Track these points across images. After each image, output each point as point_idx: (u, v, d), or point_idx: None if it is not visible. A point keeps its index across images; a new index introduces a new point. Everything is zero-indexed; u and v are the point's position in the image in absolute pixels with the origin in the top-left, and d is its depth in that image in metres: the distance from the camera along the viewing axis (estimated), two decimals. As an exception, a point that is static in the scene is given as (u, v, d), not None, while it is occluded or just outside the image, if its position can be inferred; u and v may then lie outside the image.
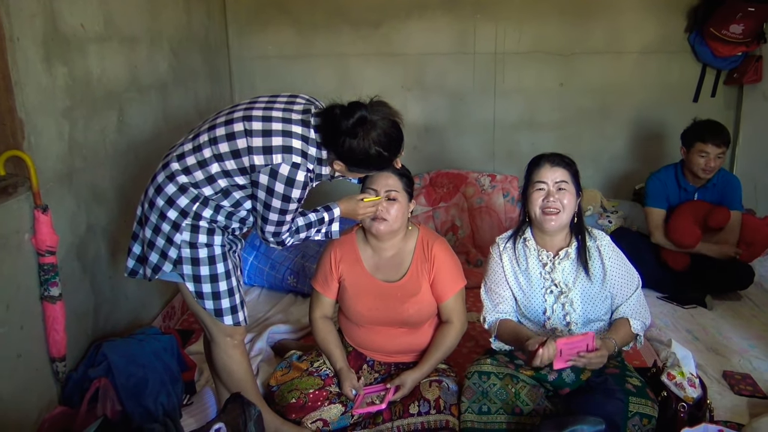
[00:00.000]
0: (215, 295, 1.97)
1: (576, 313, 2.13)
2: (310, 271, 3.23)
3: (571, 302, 2.13)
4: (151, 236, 1.94)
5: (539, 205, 2.12)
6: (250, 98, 1.96)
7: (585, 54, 4.11)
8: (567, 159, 2.17)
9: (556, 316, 2.14)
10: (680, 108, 4.04)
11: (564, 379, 2.10)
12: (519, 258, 2.21)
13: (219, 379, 2.19)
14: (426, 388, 2.18)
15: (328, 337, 2.31)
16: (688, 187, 3.30)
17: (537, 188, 2.13)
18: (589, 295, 2.15)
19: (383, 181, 2.13)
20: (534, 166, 2.16)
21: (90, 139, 2.34)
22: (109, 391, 2.05)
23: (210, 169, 1.88)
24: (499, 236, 2.29)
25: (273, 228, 1.91)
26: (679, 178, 3.31)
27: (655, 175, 3.38)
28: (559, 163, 2.13)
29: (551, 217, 2.11)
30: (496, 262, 2.24)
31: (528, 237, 2.21)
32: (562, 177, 2.12)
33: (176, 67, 3.17)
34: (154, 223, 1.93)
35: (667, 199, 3.33)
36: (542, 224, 2.14)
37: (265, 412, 2.12)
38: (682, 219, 3.21)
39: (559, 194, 2.11)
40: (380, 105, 1.86)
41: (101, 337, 2.36)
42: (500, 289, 2.21)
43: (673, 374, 2.14)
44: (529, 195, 2.15)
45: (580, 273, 2.15)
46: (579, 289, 2.14)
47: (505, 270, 2.22)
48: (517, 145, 4.27)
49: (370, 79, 4.16)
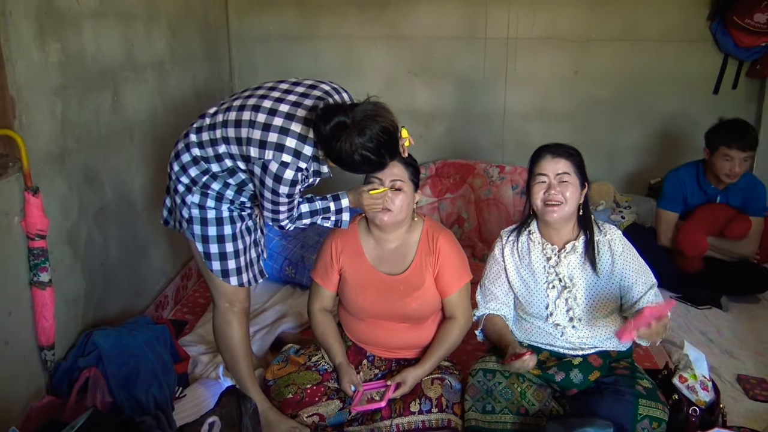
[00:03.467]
0: (222, 256, 2.09)
1: (579, 308, 2.14)
2: (309, 262, 3.23)
3: (574, 297, 2.14)
4: (171, 194, 2.12)
5: (541, 197, 2.14)
6: (275, 80, 2.04)
7: (601, 41, 4.08)
8: (570, 149, 2.16)
9: (559, 311, 2.15)
10: (700, 100, 4.02)
11: (572, 380, 2.10)
12: (522, 251, 2.22)
13: (219, 348, 2.31)
14: (428, 386, 2.18)
15: (327, 330, 2.31)
16: (709, 190, 3.24)
17: (539, 181, 2.15)
18: (594, 291, 2.15)
19: (388, 170, 2.12)
20: (536, 158, 2.17)
21: (83, 118, 2.34)
22: (99, 381, 2.05)
23: (218, 148, 1.99)
24: (504, 229, 2.30)
25: (270, 214, 2.01)
26: (700, 179, 3.24)
27: (675, 174, 3.32)
28: (561, 154, 2.13)
29: (552, 209, 2.12)
30: (496, 260, 2.27)
31: (533, 230, 2.22)
32: (564, 168, 2.12)
33: (174, 46, 3.16)
34: (173, 184, 2.09)
35: (685, 201, 3.28)
36: (544, 216, 2.15)
37: (259, 399, 2.19)
38: (695, 227, 3.16)
39: (561, 186, 2.11)
40: (371, 107, 1.84)
41: (92, 326, 2.36)
42: (494, 287, 2.24)
43: (685, 377, 2.14)
44: (531, 187, 2.17)
45: (586, 267, 2.15)
46: (584, 284, 2.15)
47: (506, 264, 2.23)
48: (528, 136, 4.24)
49: (376, 63, 4.14)
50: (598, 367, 2.13)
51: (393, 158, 1.95)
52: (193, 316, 3.06)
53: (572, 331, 2.14)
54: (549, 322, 2.16)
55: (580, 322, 2.14)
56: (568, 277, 2.15)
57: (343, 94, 2.03)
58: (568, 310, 2.14)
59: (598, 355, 2.15)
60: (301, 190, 2.00)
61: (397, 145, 1.92)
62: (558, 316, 2.15)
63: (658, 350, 2.70)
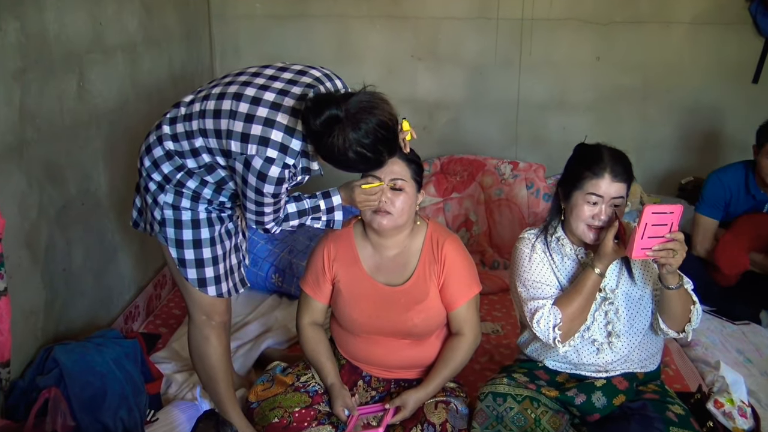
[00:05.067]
0: (198, 263, 2.07)
1: (620, 322, 2.11)
2: (298, 269, 3.22)
3: (616, 310, 2.11)
4: (142, 193, 2.10)
5: (585, 220, 2.07)
6: (259, 65, 2.03)
7: (627, 23, 4.09)
8: (629, 168, 2.08)
9: (596, 325, 2.12)
10: (736, 89, 4.03)
11: (593, 403, 2.09)
12: (554, 257, 2.18)
13: (194, 367, 2.29)
14: (431, 410, 2.17)
15: (317, 347, 2.30)
16: (759, 195, 3.16)
17: (588, 200, 2.05)
18: (632, 301, 2.13)
19: (388, 168, 2.11)
20: (589, 170, 2.05)
21: (45, 106, 2.33)
22: (60, 403, 2.04)
23: (195, 142, 1.97)
24: (526, 230, 2.26)
25: (254, 216, 2.00)
26: (749, 182, 3.16)
27: (718, 176, 3.23)
28: (621, 177, 2.04)
29: (594, 232, 2.07)
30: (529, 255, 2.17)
31: (561, 235, 2.19)
32: (619, 192, 2.04)
33: (147, 25, 3.16)
34: (143, 181, 2.07)
35: (727, 207, 3.22)
36: (582, 237, 2.10)
37: (240, 424, 2.18)
38: (733, 244, 3.11)
39: (609, 209, 2.05)
40: (367, 98, 1.84)
41: (52, 340, 2.35)
42: (541, 275, 2.14)
43: (721, 401, 2.14)
44: (575, 202, 2.07)
45: (623, 275, 2.14)
46: (623, 293, 2.13)
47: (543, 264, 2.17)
48: (545, 129, 4.25)
49: (375, 46, 4.15)
50: (624, 390, 2.12)
51: (392, 155, 1.95)
52: (168, 329, 3.05)
53: (608, 348, 2.12)
54: (586, 338, 2.14)
55: (618, 339, 2.12)
56: (609, 288, 2.13)
57: (336, 81, 2.02)
58: (606, 323, 2.12)
59: (623, 377, 2.14)
60: (288, 189, 1.99)
61: (396, 141, 1.92)
62: (595, 331, 2.13)
63: (691, 372, 2.69)
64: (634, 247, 1.85)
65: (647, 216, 1.80)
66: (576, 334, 2.08)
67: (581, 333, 2.11)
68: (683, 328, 2.07)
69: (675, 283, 1.96)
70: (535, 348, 2.25)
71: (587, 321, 2.10)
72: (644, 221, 1.81)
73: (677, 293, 1.99)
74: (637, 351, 2.14)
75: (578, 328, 2.08)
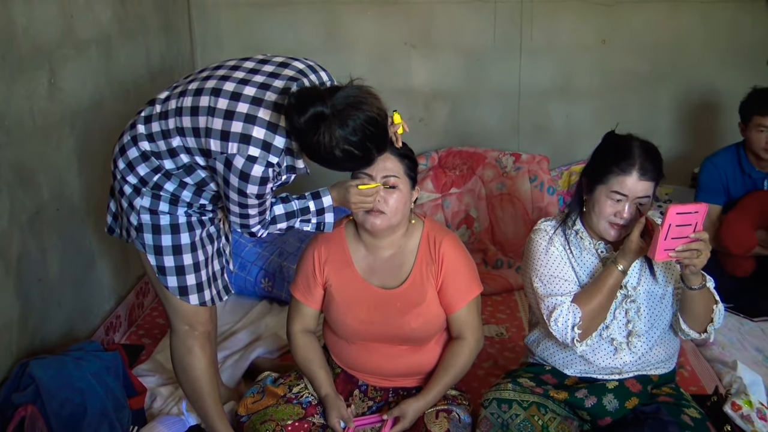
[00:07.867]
0: (179, 270, 2.07)
1: (641, 321, 2.12)
2: (289, 273, 3.23)
3: (637, 309, 2.11)
4: (117, 196, 2.10)
5: (607, 217, 2.07)
6: (238, 58, 2.03)
7: (634, 3, 4.09)
8: (659, 165, 2.07)
9: (616, 324, 2.13)
10: (751, 73, 4.00)
11: (605, 406, 2.10)
12: (573, 251, 2.18)
13: (179, 380, 2.29)
14: (432, 420, 2.17)
15: (310, 355, 2.30)
16: (754, 173, 3.26)
17: (613, 198, 2.05)
18: (654, 300, 2.13)
19: (379, 165, 2.11)
20: (616, 165, 2.03)
21: (13, 106, 2.33)
22: (37, 421, 2.04)
23: (172, 141, 1.97)
24: (542, 221, 2.24)
25: (238, 219, 2.00)
26: (742, 162, 3.27)
27: (711, 161, 3.34)
28: (649, 175, 2.03)
29: (618, 229, 2.08)
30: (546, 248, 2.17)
31: (579, 228, 2.18)
32: (646, 191, 2.03)
33: (122, 16, 3.15)
34: (118, 184, 2.07)
35: (727, 191, 3.30)
36: (602, 234, 2.10)
37: None
38: (739, 221, 3.17)
39: (632, 208, 2.05)
40: (354, 93, 1.84)
41: (28, 354, 2.35)
42: (560, 270, 2.14)
43: (739, 404, 2.15)
44: (598, 198, 2.07)
45: (644, 272, 2.14)
46: (644, 291, 2.13)
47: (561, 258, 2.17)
48: (548, 118, 4.25)
49: (366, 34, 4.14)
50: (637, 393, 2.13)
51: (381, 153, 1.96)
52: (151, 340, 3.06)
53: (626, 348, 2.12)
54: (604, 337, 2.14)
55: (638, 339, 2.12)
56: (631, 285, 2.13)
57: (321, 74, 2.01)
58: (627, 322, 2.13)
59: (636, 380, 2.15)
60: (273, 188, 1.98)
61: (386, 138, 1.93)
62: (614, 330, 2.13)
63: (707, 372, 2.70)
64: (657, 249, 1.85)
65: (671, 216, 1.81)
66: (594, 333, 2.09)
67: (599, 332, 2.12)
68: (705, 329, 2.08)
69: (698, 284, 1.97)
70: (546, 347, 2.25)
71: (606, 320, 2.11)
72: (668, 222, 1.81)
73: (700, 293, 2.00)
74: (654, 352, 2.15)
75: (597, 327, 2.09)
